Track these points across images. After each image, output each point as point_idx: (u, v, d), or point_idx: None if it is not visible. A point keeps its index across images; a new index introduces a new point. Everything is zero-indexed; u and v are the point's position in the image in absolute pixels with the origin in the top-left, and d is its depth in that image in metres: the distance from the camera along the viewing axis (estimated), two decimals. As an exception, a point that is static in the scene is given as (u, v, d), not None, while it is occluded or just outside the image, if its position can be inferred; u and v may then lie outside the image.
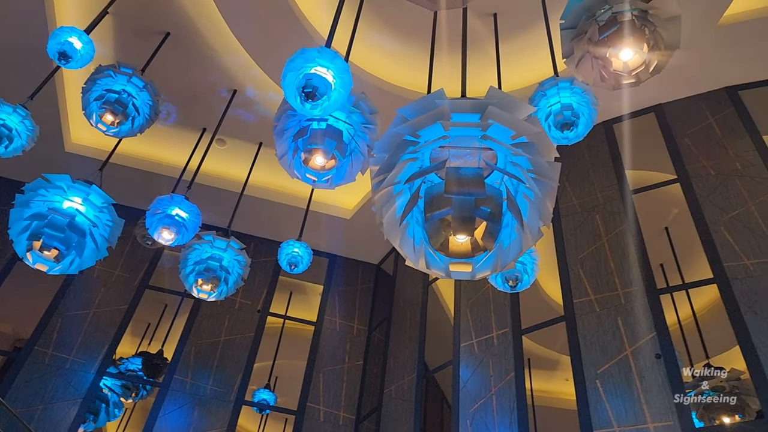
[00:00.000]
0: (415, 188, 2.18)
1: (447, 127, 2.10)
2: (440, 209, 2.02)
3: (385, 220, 2.21)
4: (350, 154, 3.03)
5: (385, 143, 2.17)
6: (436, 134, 2.13)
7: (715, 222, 5.91)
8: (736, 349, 5.12)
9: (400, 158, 2.15)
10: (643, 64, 2.98)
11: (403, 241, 2.18)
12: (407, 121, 2.14)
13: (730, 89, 7.07)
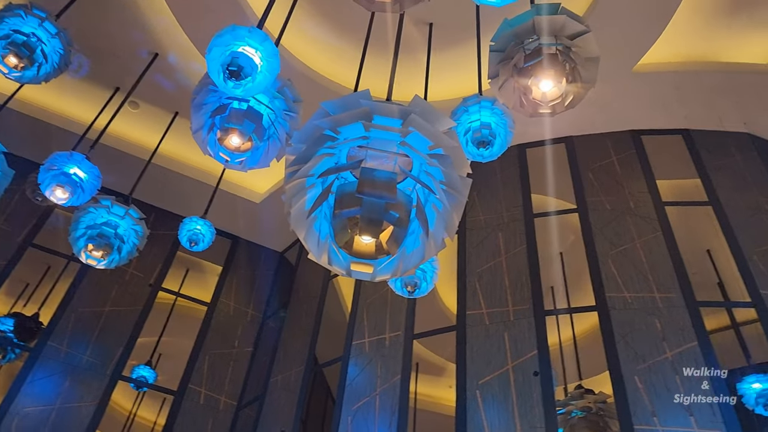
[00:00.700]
0: (327, 183, 2.19)
1: (368, 128, 2.12)
2: (350, 208, 2.03)
3: (293, 210, 2.20)
4: (268, 139, 2.99)
5: (304, 134, 2.16)
6: (356, 133, 2.14)
7: (604, 254, 6.30)
8: (606, 373, 5.48)
9: (317, 152, 2.14)
10: (560, 97, 3.12)
11: (308, 234, 2.18)
12: (329, 115, 2.13)
13: (634, 132, 7.57)
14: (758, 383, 5.92)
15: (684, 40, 7.03)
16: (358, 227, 2.04)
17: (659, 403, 5.02)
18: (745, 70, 7.16)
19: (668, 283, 5.94)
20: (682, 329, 5.54)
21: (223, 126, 2.85)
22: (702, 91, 7.29)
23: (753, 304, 5.81)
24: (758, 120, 7.52)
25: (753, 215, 6.63)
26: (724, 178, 7.02)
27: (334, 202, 2.11)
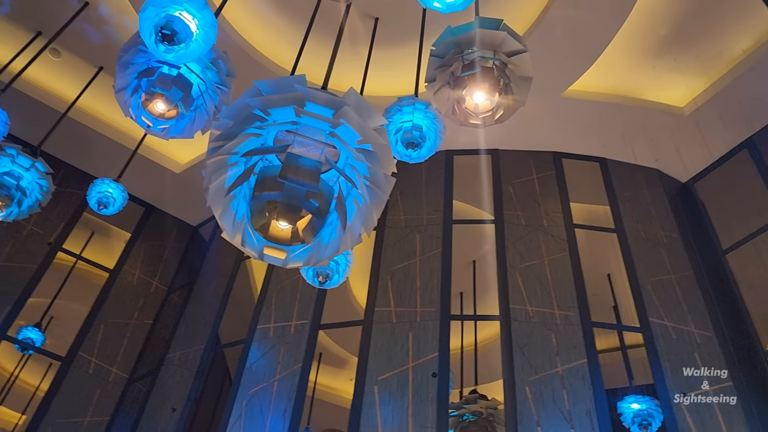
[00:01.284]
0: (251, 164, 2.15)
1: (299, 114, 2.10)
2: (270, 191, 2.01)
3: (212, 186, 2.15)
4: (195, 110, 2.90)
5: (233, 111, 2.11)
6: (287, 117, 2.12)
7: (514, 267, 6.53)
8: (501, 381, 5.70)
9: (245, 130, 2.11)
10: (491, 111, 3.20)
11: (224, 213, 2.13)
12: (261, 95, 2.10)
13: (556, 154, 7.88)
14: (636, 404, 6.33)
15: (612, 73, 7.39)
16: (276, 212, 2.01)
17: (545, 413, 5.26)
18: (662, 110, 7.60)
19: (568, 302, 6.24)
20: (575, 346, 5.83)
21: (149, 89, 2.74)
22: (621, 125, 7.68)
23: (640, 330, 6.19)
24: (668, 159, 8.02)
25: (652, 247, 7.06)
26: (631, 209, 7.44)
27: (255, 183, 2.08)
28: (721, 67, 7.32)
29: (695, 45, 7.10)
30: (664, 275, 6.79)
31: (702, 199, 8.11)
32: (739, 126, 7.57)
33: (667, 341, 6.12)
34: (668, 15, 6.75)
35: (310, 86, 2.12)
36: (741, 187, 7.85)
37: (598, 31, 6.58)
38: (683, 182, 8.28)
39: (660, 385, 5.76)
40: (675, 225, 7.46)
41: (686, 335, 6.24)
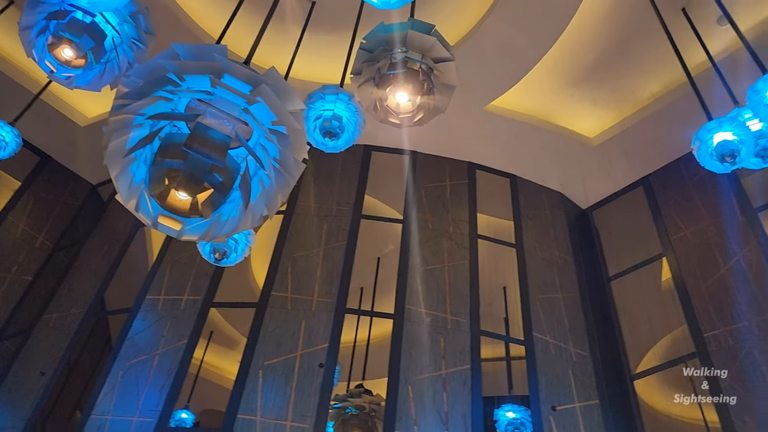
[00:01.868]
0: (157, 128, 2.06)
1: (214, 85, 2.03)
2: (173, 159, 1.93)
3: (111, 145, 2.05)
4: (106, 62, 2.74)
5: (146, 70, 2.02)
6: (202, 86, 2.05)
7: (414, 268, 6.65)
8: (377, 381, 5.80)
9: (155, 92, 2.02)
10: (411, 112, 3.24)
11: (121, 174, 2.04)
12: (178, 59, 2.02)
13: (471, 164, 8.09)
14: (512, 412, 6.63)
15: (533, 95, 7.68)
16: (176, 181, 1.94)
17: (423, 413, 5.40)
18: (574, 138, 7.99)
19: (461, 308, 6.43)
20: (462, 352, 6.02)
21: (57, 33, 2.56)
22: (535, 146, 8.00)
23: (524, 343, 6.48)
24: (573, 185, 8.44)
25: (546, 266, 7.40)
26: (533, 228, 7.77)
27: (158, 148, 2.00)
28: (631, 106, 7.78)
29: (611, 81, 7.50)
30: (552, 293, 7.14)
31: (597, 226, 8.59)
32: (639, 163, 8.08)
33: (546, 356, 6.44)
34: (591, 48, 7.08)
35: (232, 59, 2.06)
36: (632, 221, 8.38)
37: (526, 52, 6.82)
38: (583, 209, 8.74)
39: (534, 396, 6.05)
40: (570, 248, 7.86)
41: (564, 352, 6.59)
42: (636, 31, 6.81)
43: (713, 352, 6.29)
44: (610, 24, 6.80)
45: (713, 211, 7.21)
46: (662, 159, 7.98)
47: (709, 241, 7.04)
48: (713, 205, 7.24)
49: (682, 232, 7.37)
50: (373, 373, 7.93)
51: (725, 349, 6.22)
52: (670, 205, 7.73)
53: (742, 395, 5.83)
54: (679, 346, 7.63)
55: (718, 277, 6.69)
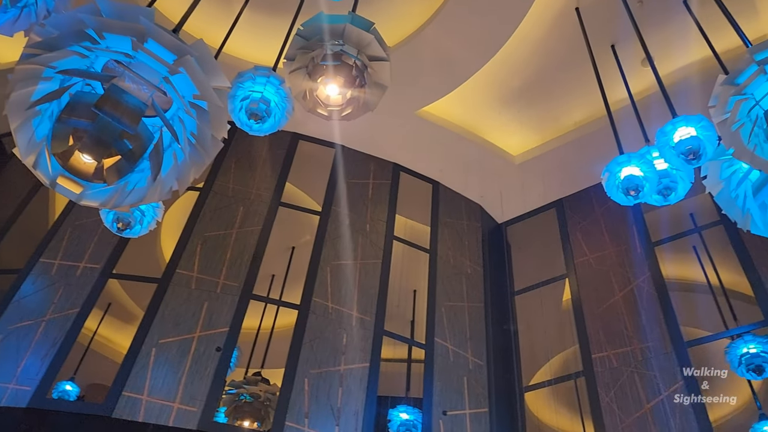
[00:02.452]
0: (68, 84, 1.96)
1: (136, 48, 1.95)
2: (80, 118, 1.84)
3: (15, 95, 1.93)
4: (22, 7, 2.57)
5: (63, 22, 1.92)
6: (122, 48, 1.96)
7: (327, 261, 6.64)
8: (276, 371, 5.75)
9: (70, 47, 1.92)
10: (340, 106, 3.23)
11: (22, 127, 1.93)
12: (100, 16, 1.93)
13: (396, 166, 8.17)
14: (406, 414, 6.73)
15: (465, 106, 7.84)
16: (81, 142, 1.85)
17: (316, 407, 5.40)
18: (498, 154, 8.22)
19: (368, 307, 6.48)
20: (363, 350, 6.07)
21: (-31, -32, 2.38)
22: (461, 156, 8.17)
23: (425, 347, 6.60)
24: (492, 198, 8.69)
25: (456, 274, 7.58)
26: (448, 236, 7.93)
27: (65, 105, 1.89)
28: (554, 131, 8.10)
29: (539, 104, 7.78)
30: (458, 302, 7.32)
31: (509, 241, 8.89)
32: (555, 186, 8.42)
33: (445, 361, 6.60)
34: (523, 71, 7.32)
35: (159, 25, 1.99)
36: (542, 241, 8.73)
37: (461, 65, 6.95)
38: (498, 223, 9.01)
39: (427, 399, 6.18)
40: (481, 259, 8.08)
41: (462, 359, 6.78)
42: (566, 60, 7.09)
43: (599, 373, 6.64)
44: (543, 51, 7.05)
45: (616, 240, 7.61)
46: (576, 185, 8.36)
47: (608, 268, 7.43)
48: (617, 235, 7.65)
49: (586, 256, 7.74)
50: (273, 363, 7.85)
51: (610, 370, 6.58)
52: (577, 229, 8.10)
53: (617, 415, 6.20)
54: (569, 364, 8.01)
55: (612, 303, 7.07)
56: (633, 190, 4.07)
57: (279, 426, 5.13)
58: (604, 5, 6.37)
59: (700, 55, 6.59)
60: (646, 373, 6.32)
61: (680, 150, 3.69)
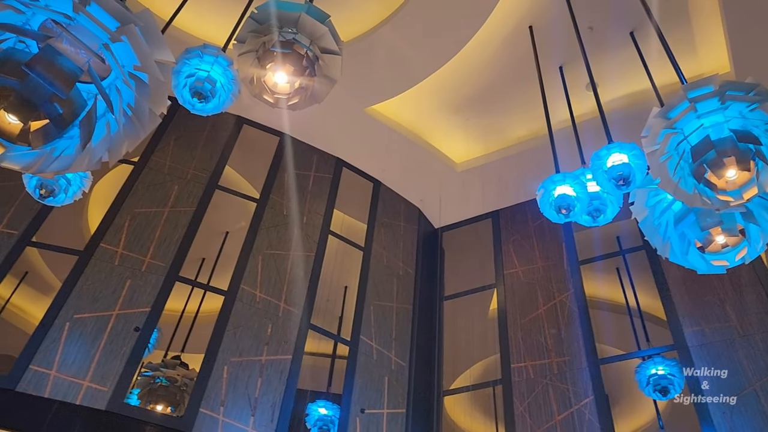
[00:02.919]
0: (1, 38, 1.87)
1: (78, 10, 1.87)
2: (9, 76, 1.75)
3: (-64, 42, 1.82)
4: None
5: (0, -28, 1.82)
6: (62, 8, 1.88)
7: (259, 249, 6.55)
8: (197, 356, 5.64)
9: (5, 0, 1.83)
10: (287, 95, 3.20)
11: (-62, 77, 1.81)
12: (39, -29, 1.84)
13: (339, 161, 8.15)
14: (324, 409, 6.73)
15: (414, 109, 7.90)
16: (7, 101, 1.76)
17: (232, 396, 5.32)
18: (441, 160, 8.33)
19: (297, 299, 6.43)
20: (287, 342, 6.02)
21: None
22: (405, 158, 8.23)
23: (350, 344, 6.62)
24: (431, 203, 8.79)
25: (388, 275, 7.63)
26: (384, 236, 7.97)
27: (-7, 60, 1.79)
28: (497, 144, 8.28)
29: (486, 115, 7.93)
30: (388, 302, 7.37)
31: (444, 247, 9.02)
32: (493, 197, 8.60)
33: (368, 360, 6.63)
34: (476, 81, 7.44)
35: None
36: (475, 249, 8.90)
37: (416, 67, 7.00)
38: (435, 227, 9.12)
39: (347, 396, 6.19)
40: (414, 262, 8.17)
41: (385, 359, 6.83)
42: (516, 76, 7.26)
43: (516, 382, 6.83)
44: (495, 64, 7.18)
45: (545, 255, 7.85)
46: (513, 198, 8.57)
47: (535, 281, 7.65)
48: (546, 250, 7.88)
49: (516, 268, 7.94)
50: (195, 347, 7.69)
51: (527, 381, 6.78)
52: (510, 242, 8.31)
53: (529, 424, 6.39)
54: (489, 372, 8.21)
55: (535, 316, 7.29)
56: (564, 209, 4.21)
57: (192, 412, 5.02)
58: (556, 27, 6.55)
59: (641, 86, 6.87)
60: (560, 386, 6.54)
61: (612, 175, 3.84)
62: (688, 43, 6.87)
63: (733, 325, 6.10)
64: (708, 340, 6.11)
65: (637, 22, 6.49)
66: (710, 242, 3.06)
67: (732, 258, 3.05)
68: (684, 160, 2.68)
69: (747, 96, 2.49)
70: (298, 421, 6.76)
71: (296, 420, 6.60)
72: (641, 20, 6.21)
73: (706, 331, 6.19)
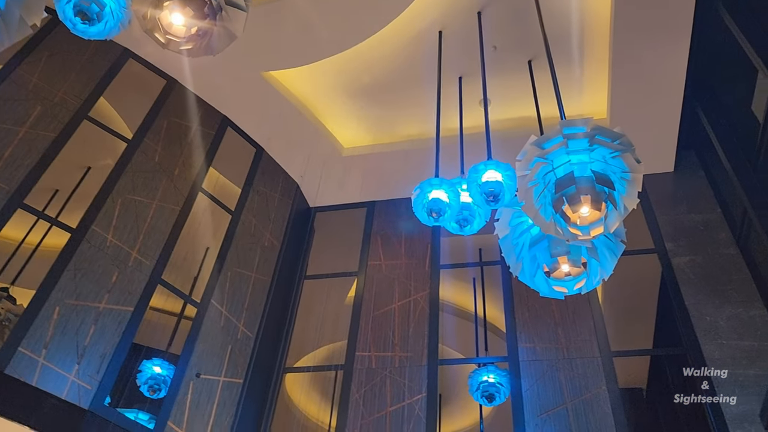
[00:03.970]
0: None
1: None
2: None
3: None
4: None
5: None
6: None
7: (120, 192, 6.12)
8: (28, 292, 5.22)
9: None
10: (181, 39, 3.04)
11: None
12: None
13: (226, 119, 7.87)
14: (159, 368, 6.48)
15: (312, 84, 7.81)
16: None
17: (59, 339, 4.92)
18: (329, 140, 8.30)
19: (152, 251, 6.13)
20: (131, 293, 5.72)
21: None
22: (294, 131, 8.10)
23: (198, 306, 6.42)
24: (311, 181, 8.74)
25: (253, 243, 7.49)
26: (257, 204, 7.82)
27: None
28: (387, 137, 8.40)
29: (381, 107, 8.01)
30: (247, 271, 7.24)
31: (315, 227, 9.02)
32: (371, 188, 8.73)
33: (214, 325, 6.48)
34: (378, 71, 7.48)
35: None
36: (344, 236, 8.98)
37: (323, 43, 6.89)
38: (310, 206, 9.09)
39: (185, 358, 6.02)
40: (282, 236, 8.08)
41: (233, 327, 6.71)
42: (417, 75, 7.40)
43: (357, 370, 7.00)
44: (399, 59, 7.27)
45: (410, 254, 8.09)
46: (391, 193, 8.74)
47: (395, 277, 7.86)
48: (412, 249, 8.13)
49: (380, 261, 8.11)
50: (28, 283, 7.09)
51: (367, 370, 6.96)
52: (379, 234, 8.47)
53: (361, 411, 6.57)
54: (334, 357, 8.34)
55: (388, 310, 7.50)
56: (435, 213, 4.35)
57: (10, 350, 4.62)
58: (464, 38, 6.74)
59: (529, 113, 7.25)
60: (398, 380, 6.78)
61: (484, 189, 4.03)
62: (576, 83, 7.35)
63: (561, 347, 6.64)
64: (537, 357, 6.61)
65: (536, 53, 6.84)
66: (556, 269, 3.31)
67: (571, 287, 3.32)
68: (548, 190, 2.86)
69: (612, 143, 2.70)
70: (128, 377, 6.47)
71: (126, 376, 6.32)
72: (540, 52, 6.54)
73: (538, 348, 6.69)
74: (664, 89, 6.87)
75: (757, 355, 5.97)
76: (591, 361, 6.42)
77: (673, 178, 7.89)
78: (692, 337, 6.28)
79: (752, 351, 6.03)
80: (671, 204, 7.62)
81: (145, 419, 6.09)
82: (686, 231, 7.28)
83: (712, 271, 6.79)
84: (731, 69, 6.71)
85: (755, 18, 5.78)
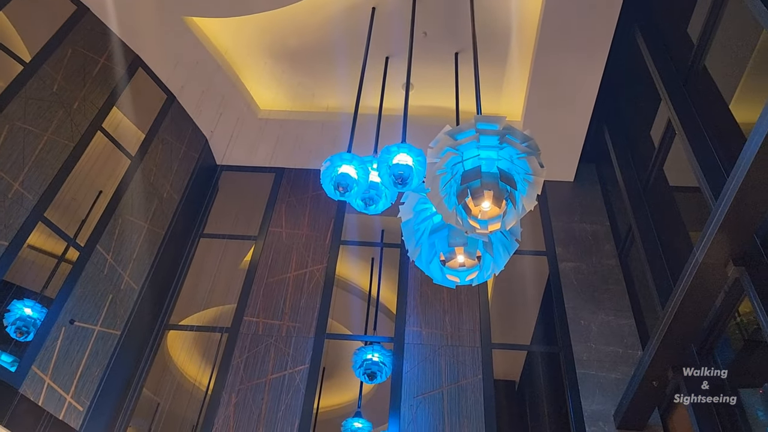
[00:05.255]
0: None
1: None
2: None
3: None
4: None
5: None
6: None
7: (7, 118, 5.64)
8: None
9: None
10: None
11: None
12: None
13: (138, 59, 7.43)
14: (30, 310, 6.07)
15: (236, 39, 7.52)
16: None
17: None
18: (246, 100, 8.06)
19: (35, 185, 5.63)
20: (7, 226, 5.32)
21: None
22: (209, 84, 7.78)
23: (82, 250, 6.07)
24: (220, 138, 8.46)
25: (151, 192, 7.17)
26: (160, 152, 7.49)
27: None
28: (305, 105, 8.28)
29: (304, 73, 7.87)
30: (140, 220, 6.94)
31: (219, 185, 8.76)
32: (283, 154, 8.59)
33: (98, 272, 6.17)
34: (306, 37, 7.32)
35: None
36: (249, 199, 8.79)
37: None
38: (216, 164, 8.81)
39: (60, 302, 5.70)
40: (183, 189, 7.79)
41: (117, 277, 6.41)
42: (344, 48, 7.31)
43: (242, 334, 6.91)
44: (329, 28, 7.15)
45: (313, 225, 8.05)
46: (302, 162, 8.64)
47: (294, 247, 7.80)
48: (316, 221, 8.09)
49: (281, 229, 8.01)
50: None
51: (253, 335, 6.89)
52: (285, 202, 8.36)
53: (241, 376, 6.50)
54: (222, 319, 8.17)
55: (283, 278, 7.44)
56: (342, 188, 4.32)
57: None
58: (396, 19, 6.71)
59: (449, 103, 7.36)
60: (282, 348, 6.76)
61: (394, 171, 4.04)
62: (497, 82, 7.54)
63: (446, 333, 6.86)
64: (422, 341, 6.79)
65: (464, 46, 6.94)
66: (452, 258, 3.39)
67: (464, 277, 3.42)
68: (454, 180, 2.91)
69: (520, 145, 2.78)
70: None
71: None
72: (468, 46, 6.64)
73: (424, 333, 6.88)
74: (577, 102, 7.18)
75: (620, 361, 6.45)
76: (471, 350, 6.68)
77: (572, 187, 8.30)
78: (566, 338, 6.68)
79: (616, 357, 6.50)
80: (567, 211, 8.03)
81: (8, 361, 5.71)
82: (576, 239, 7.70)
83: (592, 279, 7.24)
84: (639, 93, 7.12)
85: (667, 50, 6.14)
